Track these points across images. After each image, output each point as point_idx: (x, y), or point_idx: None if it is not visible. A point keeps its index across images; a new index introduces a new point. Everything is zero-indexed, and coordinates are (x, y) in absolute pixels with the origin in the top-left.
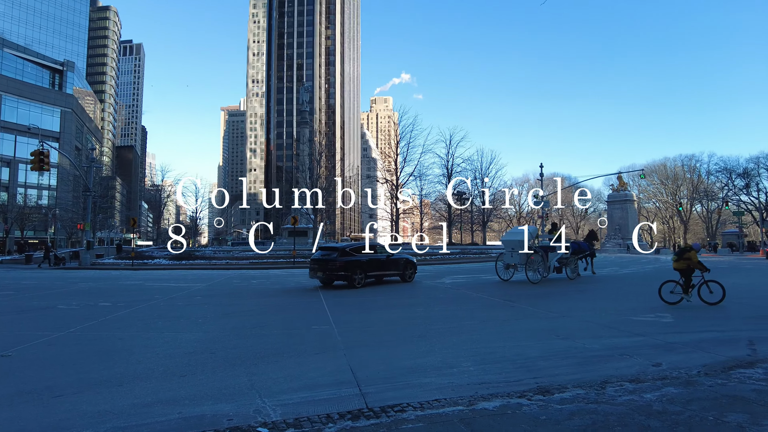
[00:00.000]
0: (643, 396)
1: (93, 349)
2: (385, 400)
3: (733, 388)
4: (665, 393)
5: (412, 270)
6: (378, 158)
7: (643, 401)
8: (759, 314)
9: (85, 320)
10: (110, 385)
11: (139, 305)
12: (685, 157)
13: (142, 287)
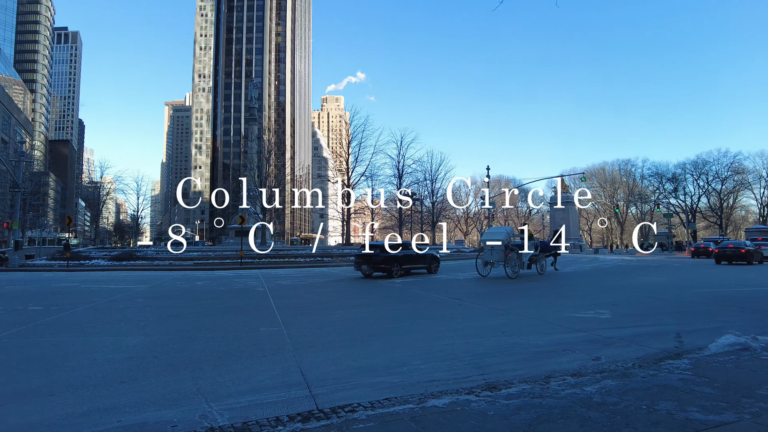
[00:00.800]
0: (584, 389)
1: (22, 356)
2: (335, 400)
3: (663, 379)
4: (604, 386)
5: (436, 264)
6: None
7: (584, 394)
8: (685, 309)
9: (13, 326)
10: (41, 395)
11: (75, 308)
12: (621, 162)
13: (79, 290)
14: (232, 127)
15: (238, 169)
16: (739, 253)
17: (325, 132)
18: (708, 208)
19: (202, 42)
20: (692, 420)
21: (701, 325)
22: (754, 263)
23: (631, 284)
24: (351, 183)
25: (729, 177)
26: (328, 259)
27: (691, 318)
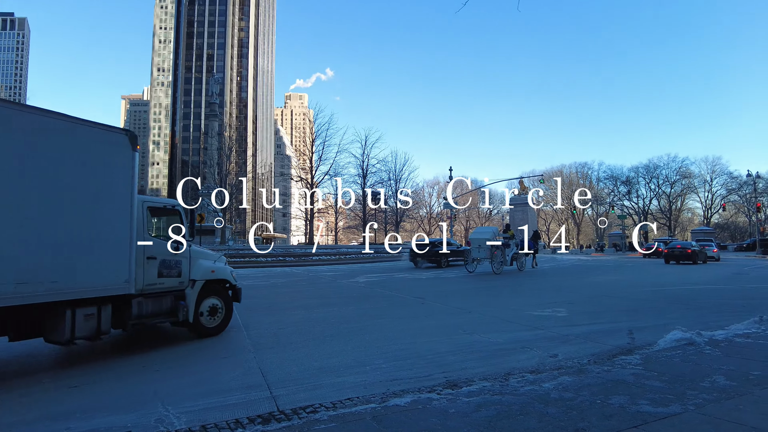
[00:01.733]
0: (542, 386)
1: None
2: (297, 401)
3: (616, 374)
4: (561, 382)
5: None
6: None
7: (542, 390)
8: (636, 307)
9: None
10: None
11: None
12: (579, 165)
13: None
14: (191, 123)
15: (197, 166)
16: (686, 254)
17: (289, 130)
18: (658, 210)
19: (162, 35)
20: (642, 413)
21: (651, 322)
22: (699, 263)
23: (586, 283)
24: (315, 182)
25: (677, 181)
26: (290, 258)
27: (642, 315)
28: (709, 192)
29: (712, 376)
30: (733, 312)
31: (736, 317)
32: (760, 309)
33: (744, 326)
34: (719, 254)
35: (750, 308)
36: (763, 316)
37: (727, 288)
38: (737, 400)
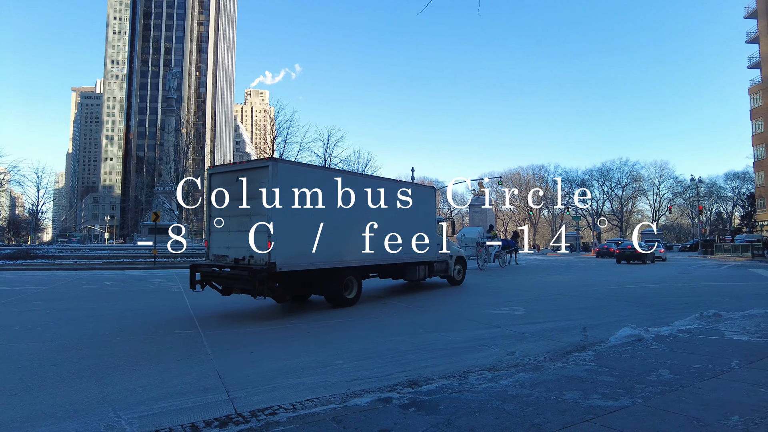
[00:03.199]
0: (499, 383)
1: None
2: (255, 403)
3: (570, 370)
4: (518, 379)
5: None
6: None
7: (499, 387)
8: (590, 305)
9: None
10: None
11: None
12: (536, 167)
13: None
14: (147, 117)
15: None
16: (636, 254)
17: (249, 126)
18: (611, 212)
19: (116, 26)
20: (594, 407)
21: (603, 319)
22: (647, 262)
23: (542, 282)
24: None
25: (629, 184)
26: None
27: (595, 313)
28: (657, 195)
29: (658, 370)
30: (677, 309)
31: (680, 314)
32: (701, 306)
33: (686, 322)
34: (666, 254)
35: (692, 305)
36: (703, 313)
37: (673, 286)
38: (680, 392)
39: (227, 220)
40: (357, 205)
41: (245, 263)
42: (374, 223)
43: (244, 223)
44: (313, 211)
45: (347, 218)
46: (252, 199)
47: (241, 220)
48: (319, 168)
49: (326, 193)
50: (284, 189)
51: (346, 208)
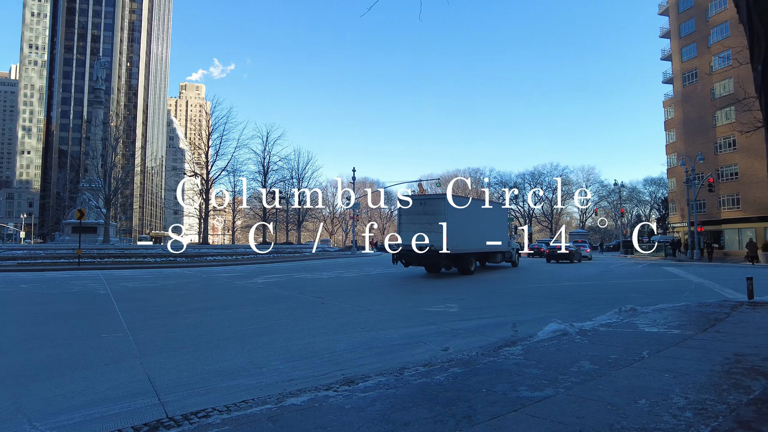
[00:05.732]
0: (433, 378)
1: None
2: (188, 407)
3: (500, 364)
4: (451, 373)
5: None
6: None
7: (434, 382)
8: (520, 302)
9: None
10: None
11: None
12: (472, 170)
13: None
14: (72, 108)
15: (78, 156)
16: (565, 253)
17: (183, 122)
18: (542, 214)
19: (35, 7)
20: (521, 398)
21: (532, 316)
22: (575, 261)
23: (476, 280)
24: (211, 177)
25: (558, 187)
26: (182, 259)
27: (525, 309)
28: (584, 198)
29: (579, 362)
30: (599, 305)
31: (601, 309)
32: (620, 302)
33: (607, 317)
34: (591, 254)
35: (613, 301)
36: (621, 308)
37: (596, 284)
38: (598, 381)
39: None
40: (475, 216)
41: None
42: (482, 227)
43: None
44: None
45: (472, 225)
46: (432, 215)
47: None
48: (462, 197)
49: (464, 211)
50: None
51: (472, 219)
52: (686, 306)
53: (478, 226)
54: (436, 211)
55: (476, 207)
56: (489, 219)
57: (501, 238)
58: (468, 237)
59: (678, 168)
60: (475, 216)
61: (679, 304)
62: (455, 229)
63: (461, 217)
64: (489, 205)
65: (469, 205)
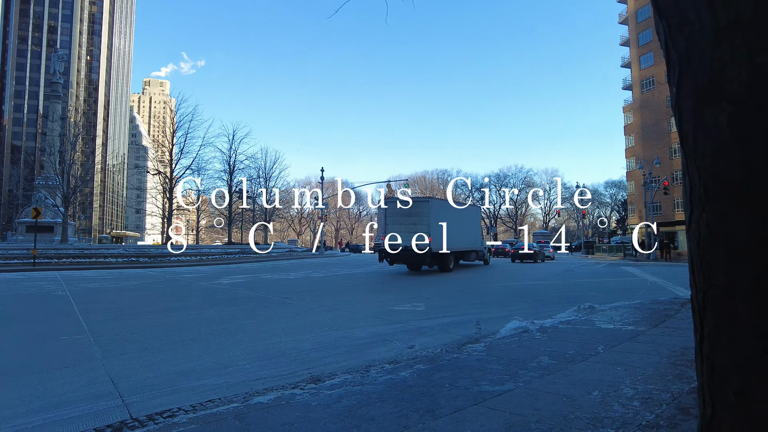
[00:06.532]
0: (399, 374)
1: None
2: (152, 407)
3: (464, 360)
4: (416, 370)
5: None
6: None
7: (399, 378)
8: (484, 300)
9: None
10: None
11: None
12: (440, 172)
13: None
14: (26, 102)
15: (33, 153)
16: (529, 253)
17: (147, 118)
18: (507, 215)
19: None
20: (483, 392)
21: (496, 313)
22: (538, 261)
23: (441, 279)
24: (175, 176)
25: (523, 189)
26: (145, 259)
27: (489, 308)
28: (548, 200)
29: (539, 357)
30: (559, 303)
31: (561, 307)
32: (579, 300)
33: (566, 315)
34: (554, 254)
35: (573, 299)
36: (580, 306)
37: (558, 283)
38: (556, 375)
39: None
40: (455, 218)
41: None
42: (461, 228)
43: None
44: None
45: (453, 225)
46: (417, 216)
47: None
48: (443, 200)
49: (445, 213)
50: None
51: (452, 220)
52: (640, 303)
53: (457, 226)
54: (420, 213)
55: (456, 209)
56: (466, 220)
57: (476, 237)
58: (449, 237)
59: (636, 171)
60: (455, 217)
61: (634, 302)
62: (438, 229)
63: (443, 219)
64: (466, 206)
65: (449, 208)
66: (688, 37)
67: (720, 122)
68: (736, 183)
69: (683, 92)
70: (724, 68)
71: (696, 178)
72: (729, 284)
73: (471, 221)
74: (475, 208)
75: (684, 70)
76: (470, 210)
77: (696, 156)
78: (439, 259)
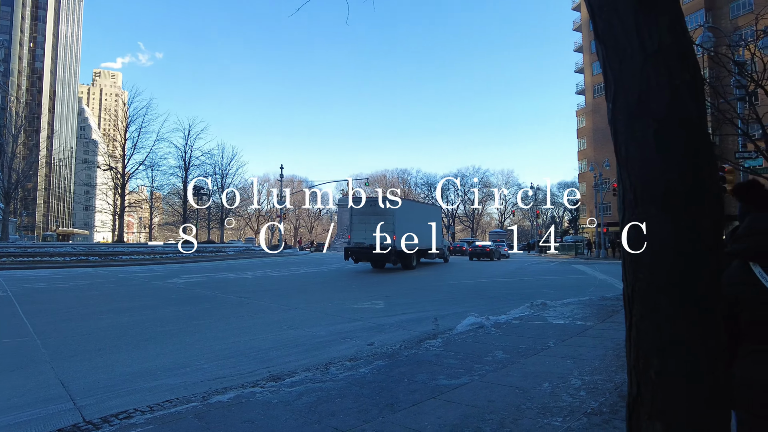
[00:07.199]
0: (358, 371)
1: None
2: (107, 409)
3: (422, 356)
4: (375, 366)
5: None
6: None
7: (358, 375)
8: (442, 297)
9: None
10: None
11: None
12: (400, 171)
13: None
14: None
15: None
16: (486, 252)
17: (97, 111)
18: (464, 214)
19: None
20: (440, 385)
21: (453, 310)
22: (495, 259)
23: (402, 277)
24: (127, 172)
25: (480, 189)
26: (95, 258)
27: (446, 305)
28: (503, 200)
29: (493, 352)
30: (514, 299)
31: (515, 304)
32: (532, 297)
33: (519, 311)
34: (509, 253)
35: (526, 296)
36: (533, 302)
37: (512, 280)
38: (509, 368)
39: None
40: (419, 217)
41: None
42: (424, 227)
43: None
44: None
45: (417, 224)
46: (383, 215)
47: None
48: (409, 199)
49: (410, 212)
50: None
51: (416, 219)
52: (590, 300)
53: (421, 225)
54: (386, 212)
55: (419, 208)
56: (428, 219)
57: (437, 236)
58: (413, 236)
59: (588, 173)
60: (418, 216)
61: (584, 298)
62: (404, 228)
63: (408, 218)
64: (428, 206)
65: (413, 207)
66: (622, 61)
67: (647, 136)
68: (659, 190)
69: (617, 108)
70: (650, 89)
71: (627, 185)
72: (652, 279)
73: (433, 220)
74: (437, 208)
75: (618, 89)
76: (432, 209)
77: (628, 165)
78: (402, 257)
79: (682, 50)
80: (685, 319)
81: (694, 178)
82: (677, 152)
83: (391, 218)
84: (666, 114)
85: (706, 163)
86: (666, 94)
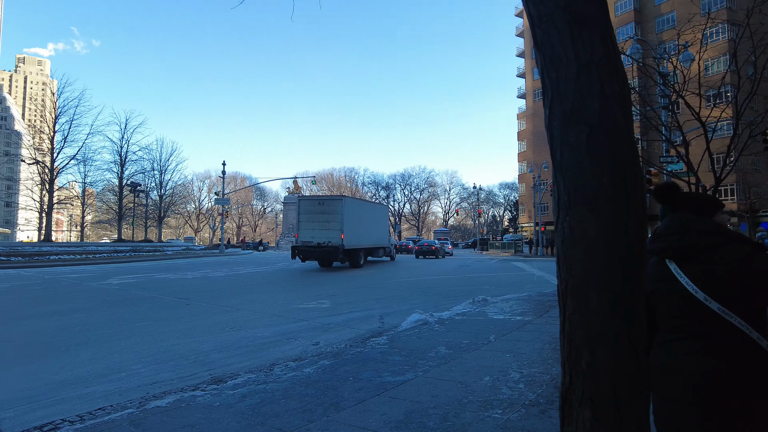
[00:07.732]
0: (303, 371)
1: None
2: (30, 421)
3: (367, 354)
4: (320, 365)
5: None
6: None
7: (303, 375)
8: (388, 295)
9: None
10: None
11: None
12: (347, 169)
13: None
14: None
15: None
16: (431, 250)
17: (20, 100)
18: (410, 213)
19: None
20: (384, 382)
21: (398, 308)
22: (439, 257)
23: (349, 276)
24: (56, 166)
25: (425, 189)
26: (18, 258)
27: (392, 302)
28: (448, 199)
29: (437, 348)
30: (456, 296)
31: (458, 300)
32: (474, 293)
33: (462, 307)
34: (453, 250)
35: (468, 292)
36: (475, 299)
37: (455, 277)
38: (452, 363)
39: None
40: (365, 215)
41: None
42: (371, 226)
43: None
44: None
45: (364, 223)
46: (330, 214)
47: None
48: (356, 199)
49: (357, 211)
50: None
51: (363, 218)
52: (528, 296)
53: (368, 224)
54: (333, 211)
55: (366, 207)
56: (376, 218)
57: (384, 235)
58: (360, 234)
59: (527, 174)
60: (366, 215)
61: (523, 294)
62: (351, 227)
63: (355, 216)
64: (375, 204)
65: (360, 206)
66: (558, 70)
67: (580, 142)
68: (590, 192)
69: (554, 114)
70: (583, 97)
71: (562, 187)
72: (584, 275)
73: (380, 219)
74: (383, 207)
75: (555, 96)
76: (379, 208)
77: (562, 168)
78: (350, 255)
79: (612, 62)
80: (612, 312)
81: (621, 181)
82: (606, 157)
83: (338, 217)
84: (597, 121)
85: (632, 167)
86: (597, 102)
